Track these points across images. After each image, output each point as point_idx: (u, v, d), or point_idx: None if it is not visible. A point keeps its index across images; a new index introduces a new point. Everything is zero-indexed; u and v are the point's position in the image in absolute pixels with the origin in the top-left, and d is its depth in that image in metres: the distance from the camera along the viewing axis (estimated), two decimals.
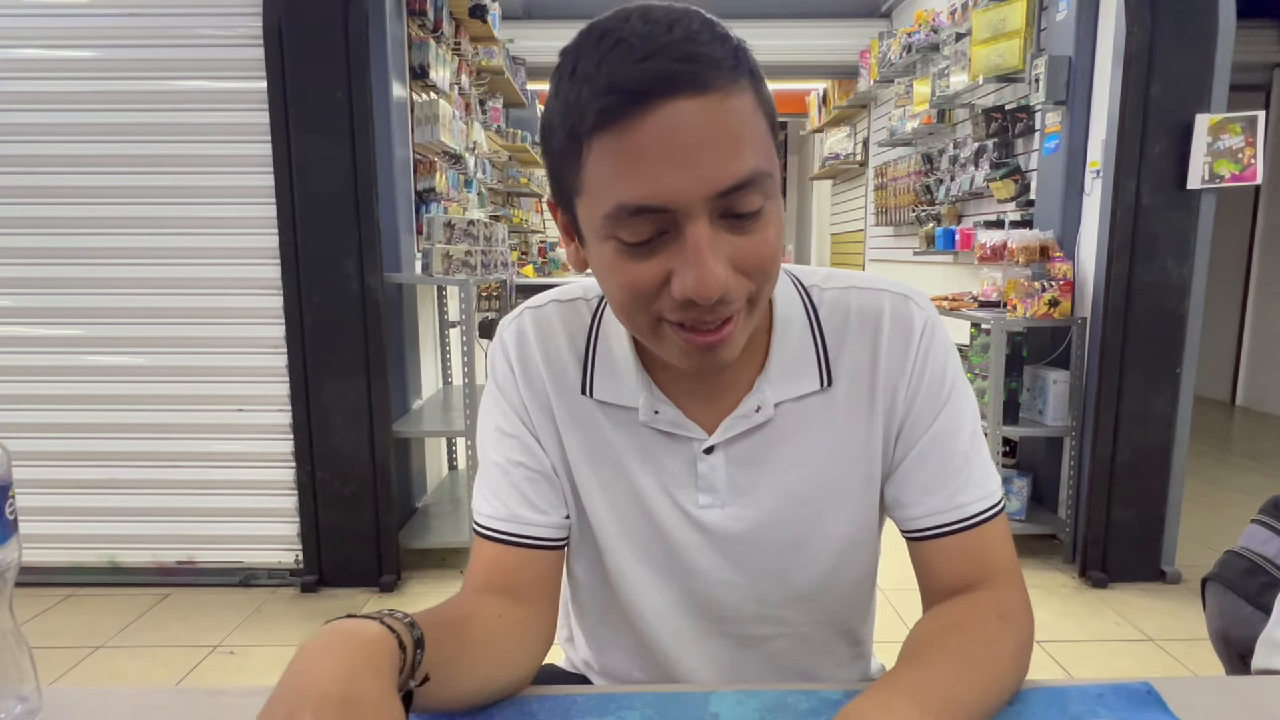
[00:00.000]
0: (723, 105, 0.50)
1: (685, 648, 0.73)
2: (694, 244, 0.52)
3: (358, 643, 0.46)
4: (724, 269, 0.52)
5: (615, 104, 0.49)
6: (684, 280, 0.52)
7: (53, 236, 2.42)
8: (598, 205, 0.53)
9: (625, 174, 0.51)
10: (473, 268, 2.79)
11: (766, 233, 0.54)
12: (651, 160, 0.50)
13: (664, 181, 0.50)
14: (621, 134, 0.50)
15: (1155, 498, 2.53)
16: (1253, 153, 2.30)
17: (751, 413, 0.66)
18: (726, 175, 0.51)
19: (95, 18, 2.34)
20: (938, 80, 3.77)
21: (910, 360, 0.66)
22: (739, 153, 0.51)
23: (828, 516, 0.68)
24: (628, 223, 0.52)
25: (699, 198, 0.51)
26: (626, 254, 0.54)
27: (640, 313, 0.56)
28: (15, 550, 0.54)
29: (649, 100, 0.49)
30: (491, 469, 0.70)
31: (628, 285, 0.55)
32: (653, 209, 0.51)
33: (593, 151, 0.52)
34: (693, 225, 0.51)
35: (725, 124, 0.50)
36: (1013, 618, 0.62)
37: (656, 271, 0.54)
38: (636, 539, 0.70)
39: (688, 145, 0.50)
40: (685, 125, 0.49)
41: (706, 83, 0.49)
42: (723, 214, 0.52)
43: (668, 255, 0.53)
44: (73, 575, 2.55)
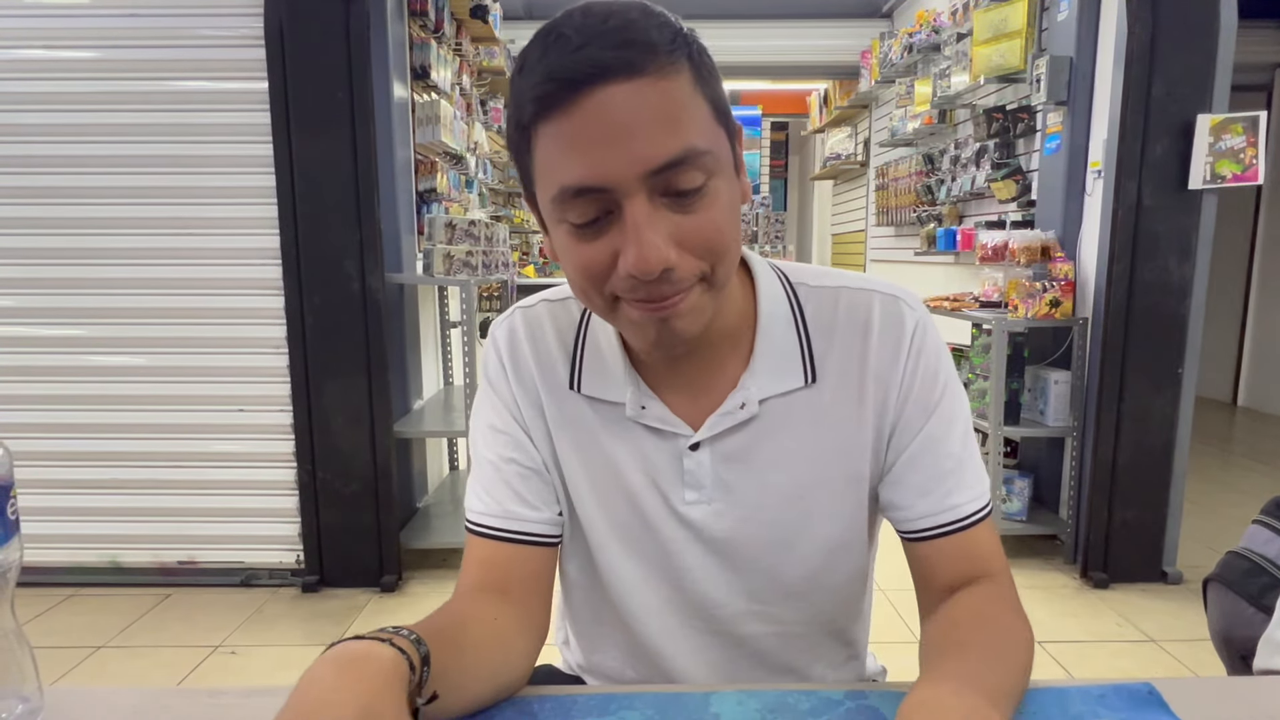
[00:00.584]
0: (654, 87, 0.52)
1: (677, 645, 0.73)
2: (633, 221, 0.54)
3: (372, 669, 0.46)
4: (665, 245, 0.54)
5: (552, 91, 0.52)
6: (626, 257, 0.54)
7: (54, 237, 2.42)
8: (547, 190, 0.56)
9: (564, 157, 0.53)
10: (474, 268, 2.79)
11: (712, 210, 0.56)
12: (587, 142, 0.52)
13: (600, 162, 0.52)
14: (559, 120, 0.53)
15: (1157, 498, 2.53)
16: (1254, 153, 2.30)
17: (736, 409, 0.67)
18: (659, 153, 0.52)
19: (96, 18, 2.35)
20: (939, 80, 3.77)
21: (901, 362, 0.67)
22: (672, 131, 0.53)
23: (815, 514, 0.69)
24: (572, 204, 0.55)
25: (633, 176, 0.52)
26: (576, 236, 0.56)
27: (595, 293, 0.58)
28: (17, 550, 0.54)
29: (581, 86, 0.51)
30: (484, 466, 0.71)
31: (579, 266, 0.57)
32: (592, 189, 0.53)
33: (538, 140, 0.55)
34: (630, 203, 0.53)
35: (658, 104, 0.52)
36: (1007, 599, 0.64)
37: (604, 251, 0.56)
38: (626, 536, 0.71)
39: (620, 126, 0.52)
40: (617, 107, 0.51)
41: (638, 67, 0.52)
42: (664, 192, 0.54)
43: (613, 235, 0.55)
44: (74, 575, 2.55)
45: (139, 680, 2.04)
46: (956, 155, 3.79)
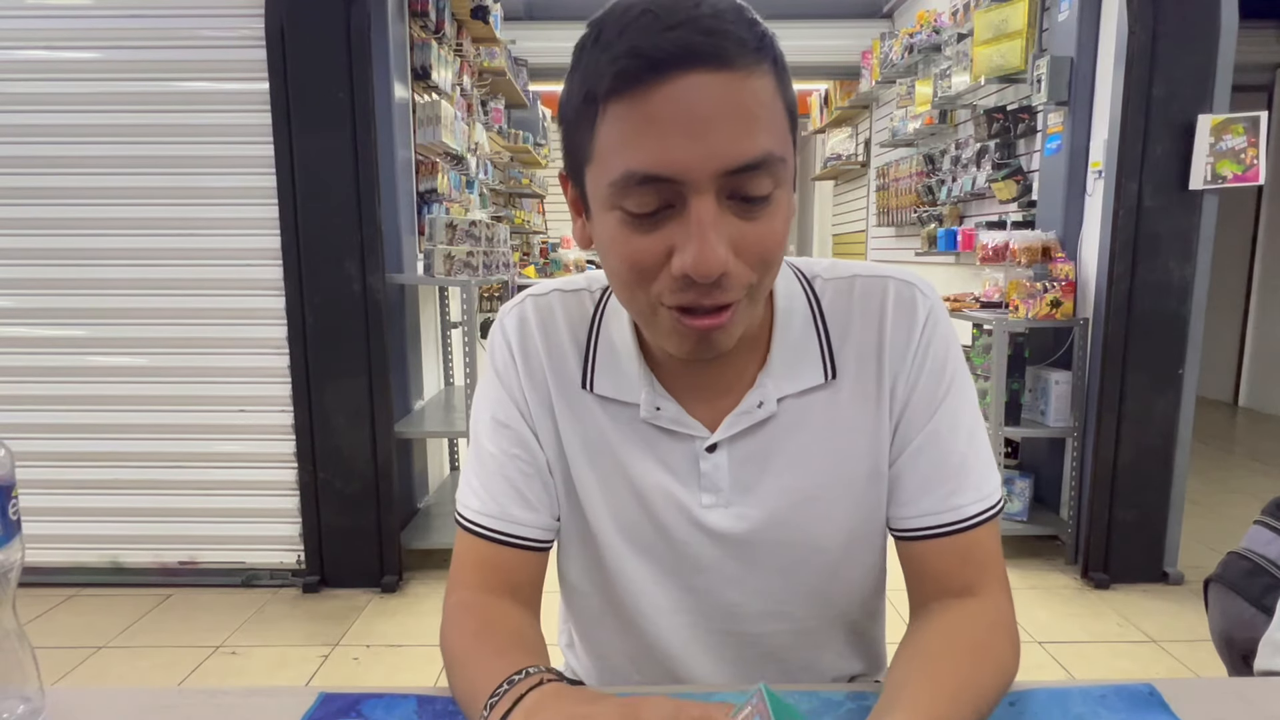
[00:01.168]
0: (741, 84, 0.50)
1: (687, 645, 0.71)
2: (697, 219, 0.51)
3: (583, 693, 0.52)
4: (725, 250, 0.52)
5: (633, 68, 0.49)
6: (684, 256, 0.51)
7: (55, 238, 2.42)
8: (606, 172, 0.53)
9: (636, 140, 0.50)
10: (474, 268, 2.79)
11: (774, 221, 0.54)
12: (663, 129, 0.50)
13: (674, 151, 0.50)
14: (636, 100, 0.50)
15: (1157, 499, 2.53)
16: (1255, 153, 2.30)
17: (754, 409, 0.65)
18: (738, 153, 0.50)
19: (98, 19, 2.35)
20: (939, 81, 3.77)
21: (912, 348, 0.65)
22: (752, 132, 0.50)
23: (835, 512, 0.67)
24: (634, 191, 0.52)
25: (707, 172, 0.50)
26: (630, 225, 0.53)
27: (640, 290, 0.55)
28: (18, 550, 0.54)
29: (667, 68, 0.49)
30: (485, 459, 0.69)
31: (628, 258, 0.54)
32: (660, 179, 0.51)
33: (607, 116, 0.51)
34: (698, 200, 0.51)
35: (742, 102, 0.50)
36: (1003, 624, 0.62)
37: (658, 246, 0.53)
38: (637, 538, 0.69)
39: (701, 118, 0.49)
40: (701, 98, 0.49)
41: (727, 59, 0.49)
42: (730, 194, 0.52)
43: (671, 230, 0.52)
44: (75, 575, 2.55)
45: (140, 680, 2.04)
46: (957, 156, 3.79)
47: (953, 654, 0.58)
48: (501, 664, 0.55)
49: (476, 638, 0.61)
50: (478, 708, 0.53)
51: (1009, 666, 0.59)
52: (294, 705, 0.59)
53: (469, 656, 0.59)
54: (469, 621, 0.63)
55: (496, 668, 0.55)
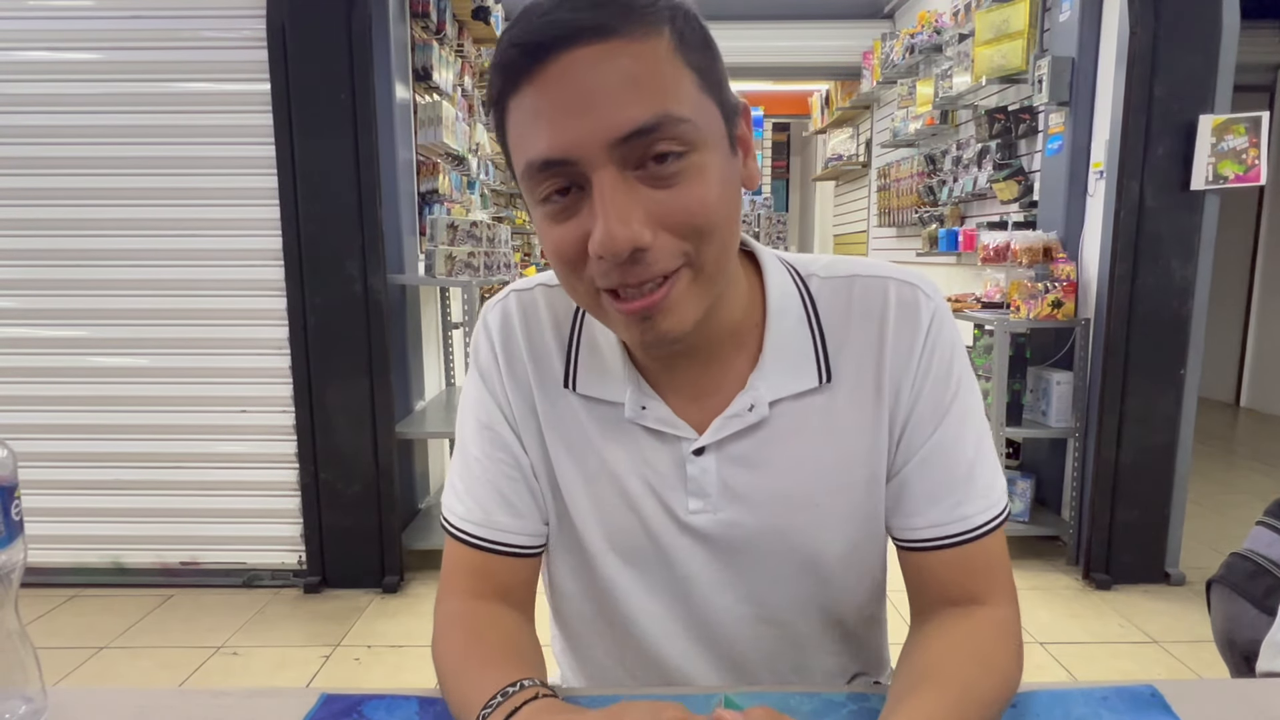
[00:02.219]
0: (626, 49, 0.48)
1: (678, 652, 0.69)
2: (599, 194, 0.49)
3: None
4: (638, 222, 0.49)
5: (516, 58, 0.49)
6: (595, 235, 0.50)
7: (57, 238, 2.43)
8: (516, 169, 0.53)
9: (529, 130, 0.50)
10: (475, 269, 2.79)
11: (694, 186, 0.51)
12: (551, 112, 0.49)
13: (563, 132, 0.49)
14: (523, 92, 0.50)
15: (1159, 499, 2.53)
16: (1257, 153, 2.29)
17: (744, 411, 0.62)
18: (625, 120, 0.48)
19: (99, 20, 2.35)
20: (940, 81, 3.77)
21: (916, 355, 0.62)
22: (644, 96, 0.48)
23: (830, 522, 0.64)
24: (538, 180, 0.51)
25: (598, 145, 0.48)
26: (551, 218, 0.52)
27: (576, 281, 0.54)
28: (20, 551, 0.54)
29: (547, 51, 0.48)
30: (470, 463, 0.67)
31: (555, 250, 0.53)
32: (555, 162, 0.49)
33: (509, 114, 0.52)
34: (598, 175, 0.49)
35: (629, 68, 0.48)
36: (1008, 634, 0.61)
37: (576, 233, 0.51)
38: (624, 542, 0.66)
39: (584, 92, 0.48)
40: (581, 72, 0.48)
41: (609, 28, 0.48)
42: (636, 165, 0.50)
43: (584, 215, 0.51)
44: (77, 576, 2.55)
45: (141, 681, 2.05)
46: (958, 156, 3.78)
47: (957, 663, 0.57)
48: (495, 675, 0.55)
49: (468, 648, 0.61)
50: (471, 718, 0.53)
51: (1013, 676, 0.58)
52: (295, 706, 0.59)
53: (461, 668, 0.59)
54: (460, 631, 0.63)
55: (490, 679, 0.54)
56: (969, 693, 0.54)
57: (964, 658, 0.57)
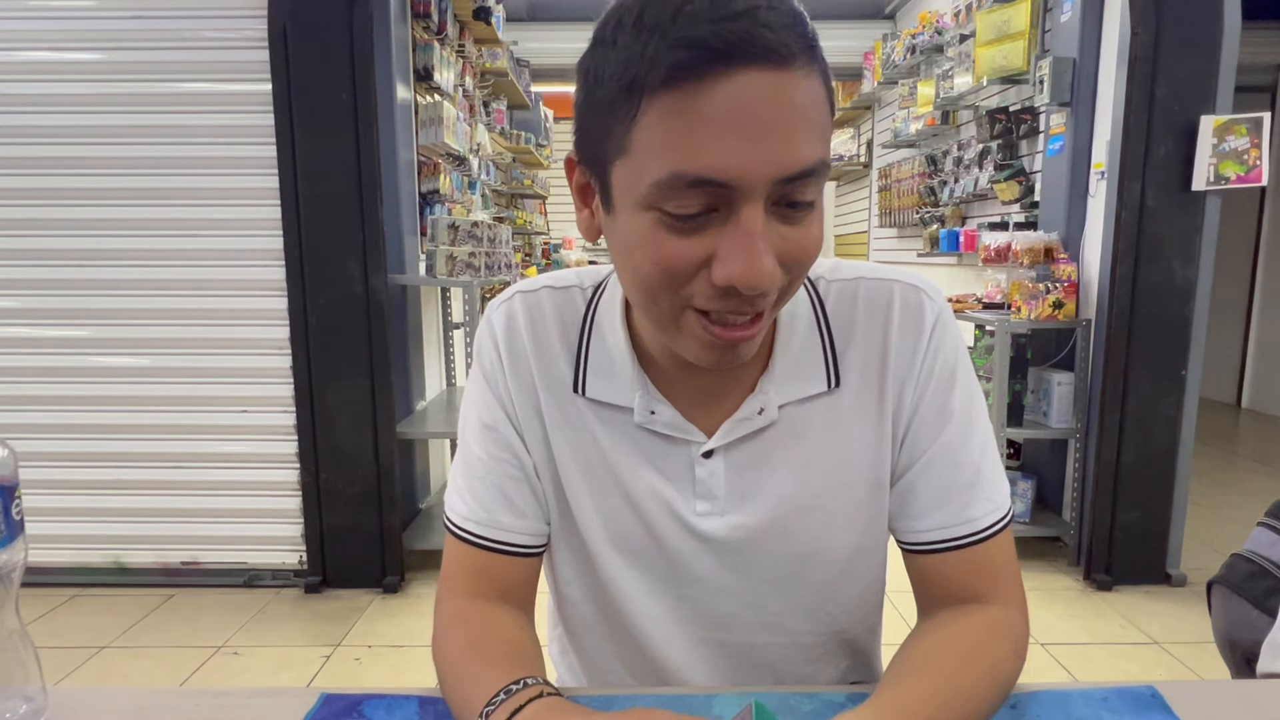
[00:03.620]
0: (798, 85, 0.46)
1: (680, 655, 0.69)
2: (749, 228, 0.48)
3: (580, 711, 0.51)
4: (772, 260, 0.49)
5: (691, 59, 0.44)
6: (730, 266, 0.48)
7: (58, 238, 2.43)
8: (647, 170, 0.48)
9: (688, 139, 0.46)
10: (476, 269, 2.79)
11: (814, 227, 0.51)
12: (721, 128, 0.45)
13: (732, 154, 0.46)
14: (692, 94, 0.45)
15: (1160, 500, 2.53)
16: (1258, 154, 2.29)
17: (754, 415, 0.62)
18: (795, 160, 0.47)
19: (101, 20, 2.35)
20: (942, 82, 3.77)
21: (920, 357, 0.62)
22: (808, 138, 0.47)
23: (834, 524, 0.65)
24: (681, 194, 0.47)
25: (764, 179, 0.47)
26: (668, 228, 0.49)
27: (667, 295, 0.52)
28: (21, 550, 0.54)
29: (729, 62, 0.44)
30: (472, 463, 0.67)
31: (663, 263, 0.50)
32: (713, 183, 0.46)
33: (652, 109, 0.46)
34: (750, 207, 0.47)
35: (799, 104, 0.47)
36: (1005, 629, 0.61)
37: (697, 252, 0.49)
38: (629, 546, 0.66)
39: (761, 119, 0.45)
40: (763, 97, 0.45)
41: (787, 57, 0.45)
42: (776, 201, 0.49)
43: (713, 236, 0.49)
44: (78, 576, 2.56)
45: (142, 680, 2.05)
46: (959, 156, 3.78)
47: (939, 655, 0.57)
48: (497, 674, 0.54)
49: (470, 647, 0.60)
50: (472, 717, 0.53)
51: (1005, 671, 0.58)
52: (296, 706, 0.59)
53: (462, 666, 0.59)
54: (462, 630, 0.63)
55: (492, 678, 0.54)
56: (951, 683, 0.54)
57: (949, 651, 0.58)
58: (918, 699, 0.52)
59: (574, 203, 0.58)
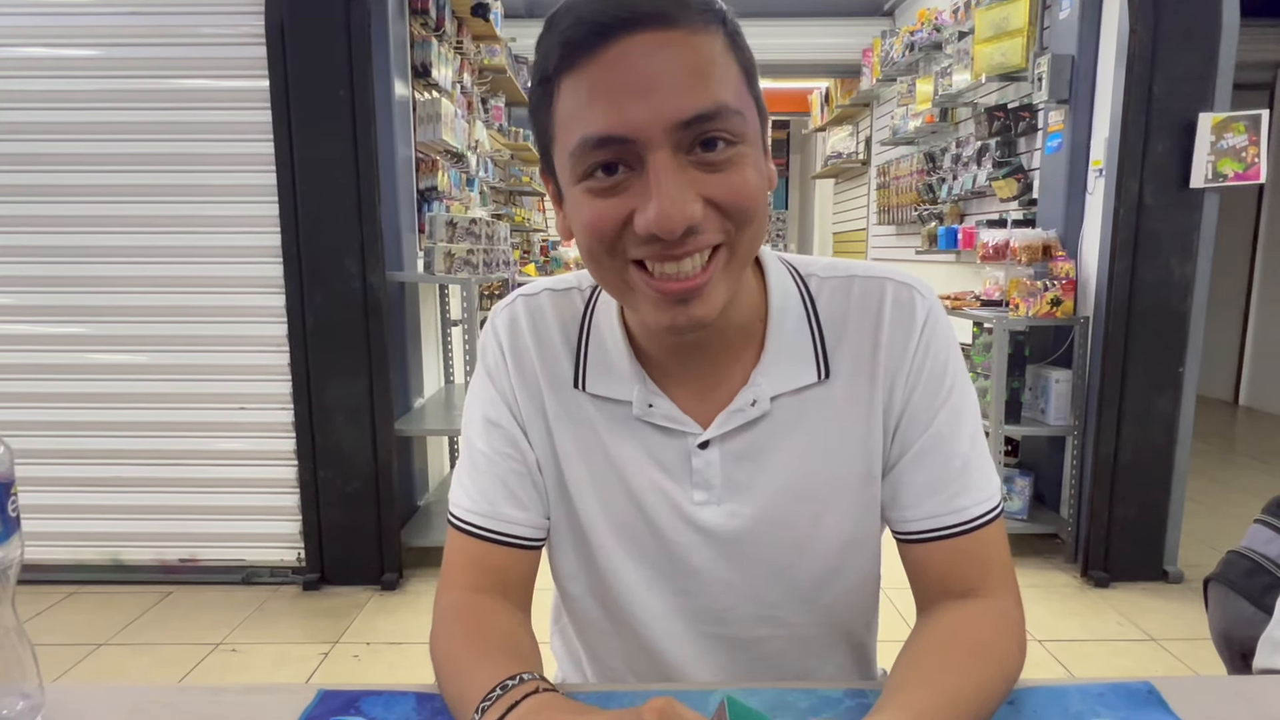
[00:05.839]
0: (687, 41, 0.51)
1: (681, 649, 0.70)
2: (654, 173, 0.51)
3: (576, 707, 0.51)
4: (691, 201, 0.52)
5: (579, 36, 0.51)
6: (645, 213, 0.52)
7: (55, 234, 2.42)
8: (566, 145, 0.54)
9: (589, 106, 0.51)
10: (475, 266, 2.79)
11: (743, 172, 0.54)
12: (613, 90, 0.51)
13: (624, 111, 0.50)
14: (585, 68, 0.51)
15: (1158, 497, 2.53)
16: (1256, 152, 2.29)
17: (747, 406, 0.64)
18: (688, 105, 0.51)
19: (98, 16, 2.34)
20: (940, 79, 3.76)
21: (911, 351, 0.64)
22: (703, 85, 0.51)
23: (828, 513, 0.66)
24: (591, 156, 0.52)
25: (659, 126, 0.51)
26: (594, 194, 0.54)
27: (608, 258, 0.56)
28: (18, 548, 0.54)
29: (612, 32, 0.50)
30: (477, 458, 0.69)
31: (592, 226, 0.54)
32: (614, 139, 0.51)
33: (561, 91, 0.53)
34: (654, 156, 0.51)
35: (689, 57, 0.51)
36: (1007, 624, 0.61)
37: (620, 210, 0.53)
38: (630, 537, 0.68)
39: (649, 74, 0.50)
40: (646, 55, 0.50)
41: (671, 19, 0.51)
42: (687, 149, 0.52)
43: (632, 194, 0.53)
44: (75, 573, 2.55)
45: (140, 678, 2.05)
46: (958, 154, 3.78)
47: (952, 653, 0.58)
48: (493, 669, 0.55)
49: (468, 641, 0.61)
50: (468, 712, 0.53)
51: (1012, 666, 0.59)
52: (293, 702, 0.59)
53: (459, 660, 0.59)
54: (460, 625, 0.63)
55: (489, 673, 0.54)
56: (963, 682, 0.55)
57: (960, 648, 0.58)
58: (931, 700, 0.52)
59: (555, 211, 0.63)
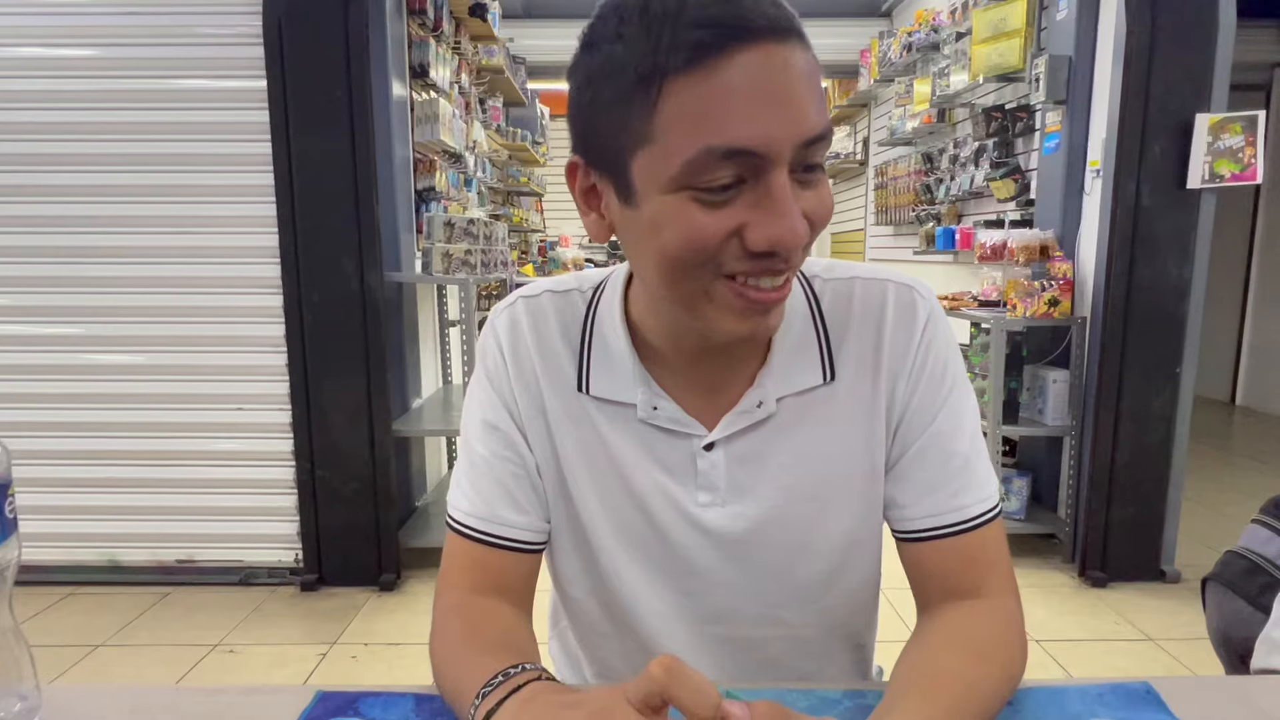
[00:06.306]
0: (801, 55, 0.50)
1: (681, 650, 0.70)
2: (780, 192, 0.50)
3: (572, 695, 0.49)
4: (802, 220, 0.52)
5: (710, 38, 0.47)
6: (767, 230, 0.51)
7: (53, 235, 2.42)
8: (676, 151, 0.50)
9: (715, 115, 0.48)
10: (472, 267, 2.79)
11: (826, 189, 0.55)
12: (745, 100, 0.48)
13: (758, 124, 0.48)
14: (711, 72, 0.48)
15: (1155, 497, 2.53)
16: (1253, 152, 2.30)
17: (753, 408, 0.64)
18: (811, 124, 0.50)
19: (95, 16, 2.34)
20: (938, 79, 3.77)
21: (912, 351, 0.65)
22: (820, 104, 0.51)
23: (831, 514, 0.67)
24: (713, 167, 0.50)
25: (787, 144, 0.50)
26: (700, 204, 0.51)
27: (699, 270, 0.53)
28: (15, 548, 0.54)
29: (742, 37, 0.48)
30: (475, 461, 0.68)
31: (695, 237, 0.51)
32: (743, 152, 0.49)
33: (673, 92, 0.49)
34: (778, 172, 0.50)
35: (810, 73, 0.51)
36: (1010, 624, 0.62)
37: (728, 224, 0.51)
38: (632, 540, 0.68)
39: (779, 88, 0.49)
40: (776, 68, 0.49)
41: (792, 31, 0.50)
42: (795, 166, 0.52)
43: (741, 206, 0.51)
44: (72, 574, 2.55)
45: (137, 678, 2.04)
46: (955, 154, 3.79)
47: (957, 655, 0.57)
48: (492, 661, 0.55)
49: (467, 638, 0.61)
50: (467, 701, 0.53)
51: (1015, 668, 0.59)
52: (291, 703, 0.58)
53: (459, 656, 0.59)
54: (459, 624, 0.63)
55: (488, 664, 0.54)
56: (968, 686, 0.54)
57: (963, 651, 0.58)
58: (937, 705, 0.51)
59: (578, 208, 0.59)
